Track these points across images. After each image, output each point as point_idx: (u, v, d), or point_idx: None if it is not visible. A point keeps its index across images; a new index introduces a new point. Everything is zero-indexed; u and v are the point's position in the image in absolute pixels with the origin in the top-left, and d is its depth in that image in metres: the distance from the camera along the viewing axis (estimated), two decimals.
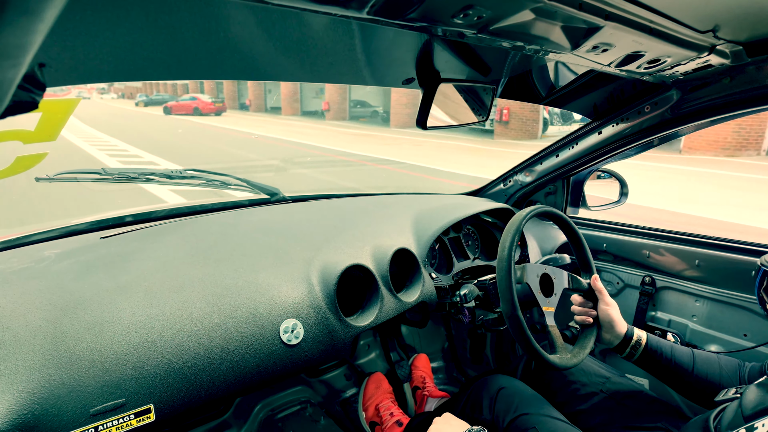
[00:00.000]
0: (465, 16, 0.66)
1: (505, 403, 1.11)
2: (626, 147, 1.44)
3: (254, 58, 0.95)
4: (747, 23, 0.87)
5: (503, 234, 1.05)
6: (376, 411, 1.56)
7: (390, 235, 1.29)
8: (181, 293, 0.91)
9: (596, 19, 0.71)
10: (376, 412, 1.56)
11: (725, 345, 1.36)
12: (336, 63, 1.04)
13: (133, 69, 0.86)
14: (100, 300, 0.84)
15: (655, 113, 1.31)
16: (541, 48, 0.83)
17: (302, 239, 1.18)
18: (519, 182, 1.81)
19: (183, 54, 0.86)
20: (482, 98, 1.32)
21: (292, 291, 1.01)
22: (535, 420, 1.05)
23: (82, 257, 1.00)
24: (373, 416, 1.56)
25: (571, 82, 1.42)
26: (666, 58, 0.96)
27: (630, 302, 1.59)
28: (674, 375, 1.06)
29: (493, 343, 1.89)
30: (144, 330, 0.82)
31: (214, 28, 0.78)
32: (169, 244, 1.08)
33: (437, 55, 1.07)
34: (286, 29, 0.83)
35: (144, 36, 0.75)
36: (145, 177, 1.35)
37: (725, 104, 1.15)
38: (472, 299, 1.26)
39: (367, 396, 1.62)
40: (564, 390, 1.21)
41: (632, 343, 1.08)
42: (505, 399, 1.11)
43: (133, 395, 0.76)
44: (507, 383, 1.16)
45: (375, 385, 1.64)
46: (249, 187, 1.51)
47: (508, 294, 1.00)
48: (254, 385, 0.91)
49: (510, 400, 1.11)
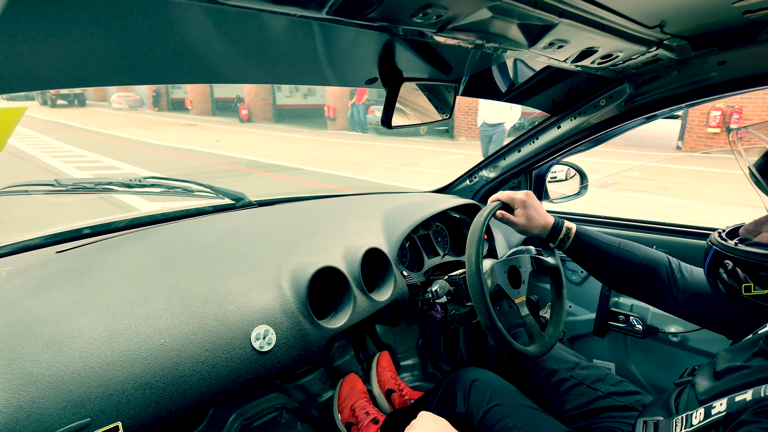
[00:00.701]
0: (424, 15, 0.66)
1: (479, 395, 1.13)
2: (585, 140, 1.48)
3: (213, 61, 0.93)
4: (691, 19, 0.91)
5: (468, 243, 1.06)
6: (351, 411, 1.56)
7: (360, 235, 1.29)
8: (146, 305, 0.88)
9: (551, 16, 0.73)
10: (352, 413, 1.55)
11: (684, 325, 1.43)
12: (297, 64, 1.03)
13: (84, 75, 0.83)
14: (58, 317, 0.80)
15: (611, 106, 1.36)
16: (500, 46, 0.84)
17: (270, 244, 1.16)
18: (484, 178, 1.84)
19: (138, 59, 0.83)
20: (445, 96, 1.34)
21: (262, 297, 0.99)
22: (508, 410, 1.08)
23: (37, 273, 0.95)
24: (348, 417, 1.56)
25: (529, 78, 1.46)
26: (618, 53, 1.00)
27: (594, 290, 1.64)
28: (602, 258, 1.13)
29: (466, 336, 1.92)
30: (107, 345, 0.79)
31: (170, 32, 0.75)
32: (130, 255, 1.04)
33: (399, 54, 1.08)
34: (245, 31, 0.82)
35: (95, 42, 0.72)
36: (102, 187, 1.30)
37: (674, 96, 1.20)
38: (443, 295, 1.27)
39: (342, 397, 1.62)
40: (536, 377, 1.24)
41: (562, 234, 1.14)
42: (479, 391, 1.14)
43: (98, 414, 0.73)
44: (480, 375, 1.18)
45: (349, 386, 1.64)
46: (213, 192, 1.48)
47: (483, 307, 1.02)
48: (227, 394, 0.89)
49: (483, 391, 1.13)
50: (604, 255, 1.12)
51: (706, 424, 0.77)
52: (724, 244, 0.82)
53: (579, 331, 1.69)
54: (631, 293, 1.17)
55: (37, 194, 1.21)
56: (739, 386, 0.78)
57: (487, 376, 1.18)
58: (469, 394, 1.14)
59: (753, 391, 0.74)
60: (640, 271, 1.10)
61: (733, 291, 0.82)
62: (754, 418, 0.68)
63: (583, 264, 1.17)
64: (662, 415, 0.92)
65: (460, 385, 1.18)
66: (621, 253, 1.12)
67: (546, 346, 1.10)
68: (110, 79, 0.88)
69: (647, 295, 1.13)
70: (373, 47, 1.01)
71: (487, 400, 1.11)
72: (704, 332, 1.37)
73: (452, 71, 1.27)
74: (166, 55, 0.84)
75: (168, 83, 0.97)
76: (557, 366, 1.23)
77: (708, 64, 1.09)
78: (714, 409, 0.78)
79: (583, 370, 1.21)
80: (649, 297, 1.14)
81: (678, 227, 1.50)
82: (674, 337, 1.45)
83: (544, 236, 1.16)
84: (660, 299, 1.11)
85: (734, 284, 0.81)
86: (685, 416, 0.83)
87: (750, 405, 0.71)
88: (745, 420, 0.69)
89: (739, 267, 0.80)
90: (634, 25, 0.87)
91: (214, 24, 0.76)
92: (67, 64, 0.76)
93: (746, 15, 0.87)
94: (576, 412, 1.14)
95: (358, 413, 1.54)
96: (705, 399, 0.83)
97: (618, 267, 1.12)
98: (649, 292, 1.12)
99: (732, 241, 0.82)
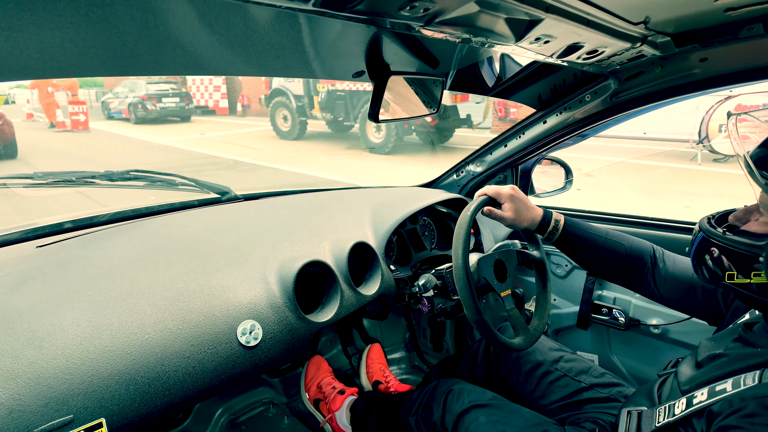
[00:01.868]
0: (411, 9, 0.66)
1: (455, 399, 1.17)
2: (570, 135, 1.50)
3: (197, 53, 0.92)
4: (674, 16, 0.92)
5: (454, 238, 1.07)
6: (318, 389, 1.58)
7: (347, 229, 1.29)
8: (129, 300, 0.86)
9: (537, 11, 0.73)
10: (318, 389, 1.58)
11: (665, 317, 1.46)
12: (283, 56, 1.02)
13: (64, 65, 0.81)
14: (39, 312, 0.79)
15: (596, 102, 1.37)
16: (486, 40, 0.84)
17: (257, 238, 1.15)
18: (471, 172, 1.85)
19: (119, 49, 0.81)
20: (432, 90, 1.34)
21: (248, 291, 0.99)
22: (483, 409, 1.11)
23: (17, 268, 0.93)
24: (315, 394, 1.58)
25: (516, 73, 1.46)
26: (603, 49, 1.01)
27: (578, 283, 1.66)
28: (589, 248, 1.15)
29: (453, 330, 1.93)
30: (90, 341, 0.77)
31: (152, 21, 0.74)
32: (113, 249, 1.02)
33: (386, 47, 1.07)
34: (230, 22, 0.81)
35: (75, 31, 0.70)
36: (83, 180, 1.27)
37: (658, 92, 1.22)
38: (430, 289, 1.28)
39: (309, 378, 1.64)
40: (521, 370, 1.26)
41: (551, 226, 1.15)
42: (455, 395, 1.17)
43: (81, 411, 0.72)
44: (457, 384, 1.21)
45: (315, 366, 1.66)
46: (197, 186, 1.46)
47: (469, 300, 1.03)
48: (213, 390, 0.89)
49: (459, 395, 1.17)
50: (592, 246, 1.14)
51: (687, 414, 0.79)
52: (712, 231, 0.83)
53: (563, 324, 1.72)
54: (617, 281, 1.19)
55: (15, 187, 1.19)
56: (719, 375, 0.80)
57: (465, 385, 1.21)
58: (446, 400, 1.17)
59: (733, 380, 0.76)
60: (626, 260, 1.12)
61: (716, 278, 0.83)
62: (734, 422, 0.70)
63: (571, 255, 1.19)
64: (646, 405, 0.94)
65: (439, 393, 1.21)
66: (608, 244, 1.13)
67: (531, 339, 1.11)
68: (91, 69, 0.86)
69: (632, 283, 1.15)
70: (360, 40, 1.01)
71: (462, 403, 1.14)
72: (685, 324, 1.40)
73: (439, 65, 1.27)
74: (148, 46, 0.83)
75: (150, 74, 0.95)
76: (542, 358, 1.25)
77: (690, 60, 1.10)
78: (696, 398, 0.80)
79: (567, 362, 1.23)
80: (634, 285, 1.16)
81: (662, 222, 1.52)
82: (655, 329, 1.47)
83: (533, 229, 1.17)
84: (644, 287, 1.13)
85: (718, 271, 0.82)
86: (667, 406, 0.85)
87: (735, 402, 0.72)
88: (728, 426, 0.70)
89: (724, 255, 0.81)
90: (619, 21, 0.88)
91: (197, 14, 0.75)
92: (45, 53, 0.74)
93: (728, 13, 0.89)
94: (560, 403, 1.16)
95: (325, 389, 1.56)
96: (687, 389, 0.85)
97: (605, 257, 1.14)
98: (634, 280, 1.14)
99: (720, 229, 0.83)
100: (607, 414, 1.08)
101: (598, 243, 1.14)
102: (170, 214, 1.32)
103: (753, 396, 0.71)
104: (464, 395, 1.15)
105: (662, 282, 1.09)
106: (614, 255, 1.13)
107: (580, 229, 1.15)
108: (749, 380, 0.73)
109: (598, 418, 1.08)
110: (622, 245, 1.13)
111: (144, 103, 13.71)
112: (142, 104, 13.71)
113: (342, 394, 1.52)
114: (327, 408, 1.52)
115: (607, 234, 1.15)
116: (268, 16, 0.81)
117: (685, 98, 1.22)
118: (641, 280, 1.12)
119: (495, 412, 1.09)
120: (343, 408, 1.48)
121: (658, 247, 1.13)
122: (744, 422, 0.69)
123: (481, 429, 1.06)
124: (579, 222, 1.17)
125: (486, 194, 1.15)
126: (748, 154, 0.78)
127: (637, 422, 0.91)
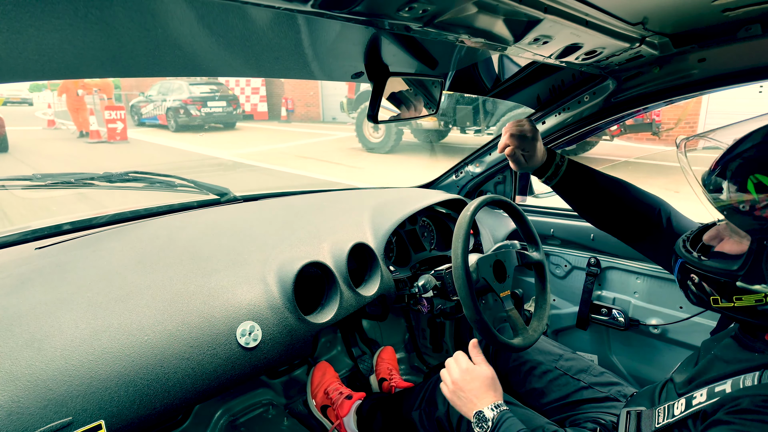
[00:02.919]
0: (410, 10, 0.66)
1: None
2: (568, 135, 1.50)
3: (195, 54, 0.92)
4: (672, 16, 0.93)
5: (453, 238, 1.07)
6: (325, 395, 1.57)
7: (346, 230, 1.29)
8: (129, 302, 0.86)
9: (536, 12, 0.73)
10: (326, 395, 1.57)
11: (664, 317, 1.46)
12: (282, 57, 1.02)
13: (63, 67, 0.81)
14: (38, 314, 0.79)
15: (594, 102, 1.38)
16: (485, 41, 0.84)
17: (256, 239, 1.15)
18: (470, 173, 1.85)
19: (118, 50, 0.81)
20: (431, 91, 1.34)
21: (247, 293, 0.98)
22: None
23: (15, 270, 0.93)
24: (323, 400, 1.57)
25: (515, 74, 1.46)
26: (602, 50, 1.01)
27: (577, 283, 1.67)
28: (594, 187, 1.09)
29: (452, 330, 1.93)
30: (89, 343, 0.77)
31: (151, 23, 0.74)
32: (112, 251, 1.02)
33: (385, 48, 1.07)
34: (229, 23, 0.81)
35: (74, 32, 0.70)
36: (82, 182, 1.27)
37: (656, 92, 1.22)
38: (429, 289, 1.28)
39: (315, 384, 1.63)
40: (520, 369, 1.26)
41: (557, 158, 1.10)
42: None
43: (80, 413, 0.72)
44: None
45: (321, 372, 1.65)
46: (197, 187, 1.46)
47: (469, 301, 1.03)
48: (212, 391, 0.89)
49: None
50: (597, 184, 1.08)
51: (687, 415, 0.79)
52: (688, 256, 0.82)
53: (563, 324, 1.72)
54: (616, 232, 1.13)
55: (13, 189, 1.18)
56: (718, 376, 0.80)
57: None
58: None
59: (732, 381, 0.76)
60: (631, 209, 1.07)
61: (703, 302, 0.82)
62: (727, 417, 0.70)
63: (574, 195, 1.12)
64: (646, 406, 0.94)
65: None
66: (614, 186, 1.08)
67: (530, 339, 1.11)
68: (89, 70, 0.86)
69: (631, 236, 1.10)
70: (359, 41, 1.01)
71: None
72: (684, 324, 1.40)
73: (438, 66, 1.27)
74: (147, 47, 0.82)
75: (149, 75, 0.95)
76: (542, 358, 1.25)
77: (689, 61, 1.10)
78: (695, 399, 0.79)
79: (566, 361, 1.23)
80: (632, 238, 1.11)
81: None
82: (655, 329, 1.48)
83: (539, 166, 1.11)
84: (643, 243, 1.09)
85: (703, 296, 0.81)
86: (667, 407, 0.85)
87: (727, 400, 0.72)
88: (720, 420, 0.70)
89: (704, 281, 0.79)
90: (617, 22, 0.88)
91: (196, 15, 0.75)
92: (44, 55, 0.74)
93: (725, 13, 0.89)
94: (559, 402, 1.16)
95: (332, 394, 1.55)
96: (686, 390, 0.85)
97: (609, 200, 1.08)
98: (634, 233, 1.09)
99: (696, 254, 0.81)
100: (606, 413, 1.08)
101: (602, 182, 1.08)
102: (169, 216, 1.32)
103: (747, 394, 0.71)
104: None
105: (662, 242, 1.03)
106: (619, 201, 1.07)
107: (587, 166, 1.09)
108: (748, 381, 0.73)
109: (597, 417, 1.08)
110: (628, 191, 1.07)
111: (187, 107, 11.61)
112: (185, 109, 11.62)
113: (349, 399, 1.50)
114: (335, 414, 1.51)
115: (614, 177, 1.09)
116: (266, 18, 0.81)
117: (683, 98, 1.22)
118: (644, 234, 1.06)
119: None
120: (351, 413, 1.47)
121: (669, 205, 1.07)
122: (736, 418, 0.68)
123: None
124: (583, 165, 1.11)
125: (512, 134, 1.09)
126: (698, 182, 0.77)
127: (637, 422, 0.90)
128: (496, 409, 0.92)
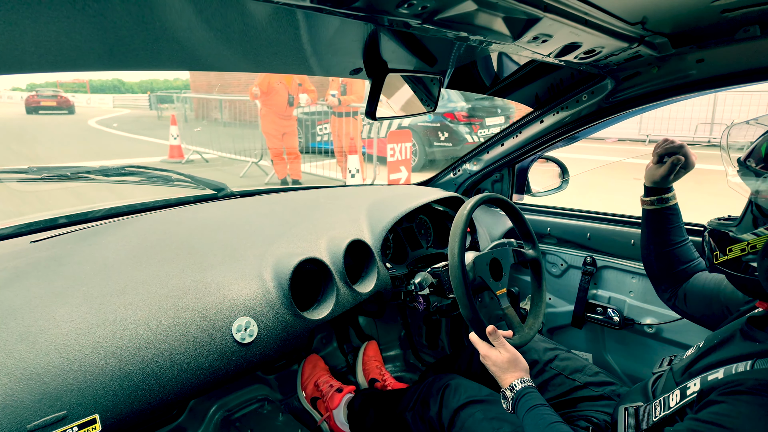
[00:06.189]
0: (410, 6, 0.66)
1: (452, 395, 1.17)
2: (567, 134, 1.50)
3: (194, 48, 0.91)
4: (671, 16, 0.93)
5: (450, 236, 1.07)
6: (315, 387, 1.59)
7: (343, 226, 1.29)
8: (124, 296, 0.86)
9: (535, 10, 0.73)
10: (316, 388, 1.58)
11: (659, 317, 1.47)
12: (280, 53, 1.02)
13: (60, 60, 0.80)
14: (33, 308, 0.78)
15: (593, 101, 1.38)
16: (484, 38, 0.84)
17: (253, 234, 1.15)
18: (467, 171, 1.85)
19: (116, 44, 0.80)
20: (430, 89, 1.34)
21: (243, 288, 0.98)
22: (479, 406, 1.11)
23: (11, 263, 0.92)
24: (312, 392, 1.58)
25: (513, 72, 1.46)
26: (600, 49, 1.01)
27: (573, 282, 1.67)
28: (673, 237, 1.13)
29: (448, 328, 1.93)
30: (84, 337, 0.77)
31: (149, 17, 0.73)
32: (108, 245, 1.02)
33: (384, 45, 1.07)
34: (227, 18, 0.80)
35: (71, 25, 0.69)
36: (78, 175, 1.26)
37: (654, 92, 1.22)
38: (426, 287, 1.28)
39: (305, 376, 1.64)
40: None
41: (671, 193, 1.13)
42: (452, 391, 1.18)
43: (75, 407, 0.72)
44: (454, 379, 1.22)
45: (311, 364, 1.66)
46: (194, 182, 1.45)
47: (465, 299, 1.03)
48: (208, 386, 0.89)
49: (456, 391, 1.17)
50: (676, 237, 1.13)
51: (682, 405, 0.80)
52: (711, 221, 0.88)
53: (558, 323, 1.73)
54: (657, 279, 1.18)
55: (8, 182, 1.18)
56: (712, 364, 0.82)
57: (461, 380, 1.21)
58: (443, 396, 1.17)
59: (724, 369, 0.77)
60: (677, 266, 1.13)
61: (711, 261, 0.86)
62: (720, 398, 0.71)
63: (656, 231, 1.15)
64: (642, 401, 0.94)
65: (435, 388, 1.21)
66: (682, 247, 1.14)
67: (526, 338, 1.12)
68: (87, 64, 0.85)
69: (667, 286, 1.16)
70: (358, 37, 1.00)
71: (459, 398, 1.14)
72: (678, 323, 1.41)
73: (437, 63, 1.27)
74: (145, 41, 0.82)
75: (147, 69, 0.95)
76: (536, 357, 1.25)
77: (687, 61, 1.11)
78: (689, 389, 0.81)
79: (561, 361, 1.24)
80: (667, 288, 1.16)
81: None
82: (649, 329, 1.48)
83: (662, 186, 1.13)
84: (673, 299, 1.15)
85: (709, 254, 0.86)
86: (663, 399, 0.86)
87: (720, 384, 0.74)
88: (713, 400, 0.72)
89: (711, 237, 0.86)
90: (616, 21, 0.88)
91: (195, 9, 0.75)
92: (41, 47, 0.74)
93: (724, 14, 0.89)
94: (554, 402, 1.17)
95: (322, 387, 1.56)
96: (681, 380, 0.86)
97: (671, 255, 1.14)
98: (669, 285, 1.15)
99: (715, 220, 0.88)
100: (601, 412, 1.09)
101: (679, 240, 1.14)
102: (166, 210, 1.32)
103: (739, 379, 0.73)
104: (461, 391, 1.15)
105: (685, 297, 1.11)
106: (676, 260, 1.13)
107: (676, 214, 1.14)
108: (741, 368, 0.75)
109: (591, 416, 1.09)
110: (687, 255, 1.14)
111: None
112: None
113: (340, 392, 1.52)
114: (325, 406, 1.52)
115: (688, 240, 1.15)
116: (266, 13, 0.81)
117: (681, 99, 1.22)
118: (673, 287, 1.14)
119: (491, 408, 1.10)
120: (341, 406, 1.48)
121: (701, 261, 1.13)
122: (728, 398, 0.71)
123: (477, 425, 1.07)
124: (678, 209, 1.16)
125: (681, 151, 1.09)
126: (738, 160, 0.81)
127: (635, 418, 0.91)
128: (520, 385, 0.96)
